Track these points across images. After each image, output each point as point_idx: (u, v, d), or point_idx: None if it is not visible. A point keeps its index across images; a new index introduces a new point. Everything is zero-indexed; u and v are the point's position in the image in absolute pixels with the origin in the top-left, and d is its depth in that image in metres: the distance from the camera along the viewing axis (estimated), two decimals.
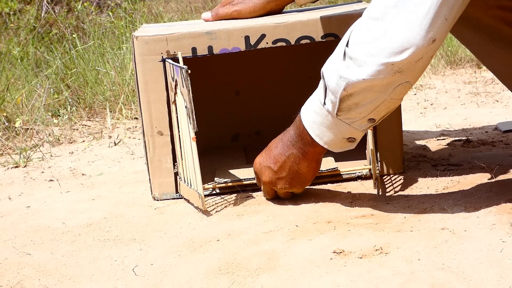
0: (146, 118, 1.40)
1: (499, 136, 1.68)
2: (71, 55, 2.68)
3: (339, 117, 1.18)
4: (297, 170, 1.28)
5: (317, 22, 1.38)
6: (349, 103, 1.15)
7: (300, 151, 1.26)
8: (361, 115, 1.17)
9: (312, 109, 1.22)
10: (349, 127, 1.19)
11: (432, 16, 1.07)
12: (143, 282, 1.05)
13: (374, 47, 1.10)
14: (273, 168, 1.29)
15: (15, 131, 2.10)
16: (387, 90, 1.13)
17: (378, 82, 1.11)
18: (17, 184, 1.65)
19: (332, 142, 1.22)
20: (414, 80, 1.13)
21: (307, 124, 1.23)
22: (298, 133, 1.25)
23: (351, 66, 1.13)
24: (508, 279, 0.92)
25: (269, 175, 1.30)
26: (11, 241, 1.27)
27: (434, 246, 1.05)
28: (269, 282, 1.01)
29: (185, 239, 1.21)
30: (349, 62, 1.13)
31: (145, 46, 1.37)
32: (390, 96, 1.14)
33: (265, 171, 1.30)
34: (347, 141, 1.21)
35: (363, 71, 1.11)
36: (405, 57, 1.08)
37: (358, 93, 1.13)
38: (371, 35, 1.11)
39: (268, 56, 1.68)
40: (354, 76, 1.12)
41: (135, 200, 1.44)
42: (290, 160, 1.27)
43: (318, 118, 1.21)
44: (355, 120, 1.17)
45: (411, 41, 1.08)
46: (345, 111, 1.17)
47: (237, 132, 1.74)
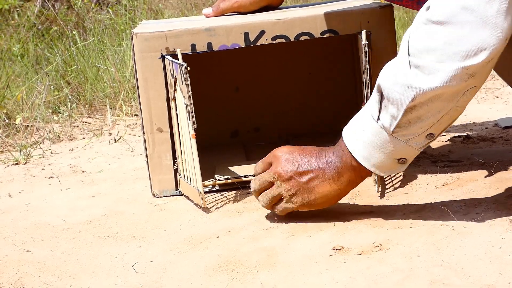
0: (145, 115, 1.40)
1: (499, 132, 1.68)
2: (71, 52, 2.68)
3: (394, 134, 1.09)
4: (316, 189, 1.17)
5: (316, 19, 1.38)
6: (411, 116, 1.08)
7: (332, 171, 1.16)
8: (421, 129, 1.09)
9: (359, 127, 1.13)
10: (404, 145, 1.10)
11: (504, 14, 1.02)
12: (143, 279, 1.06)
13: (446, 52, 1.04)
14: (297, 166, 1.18)
15: (15, 128, 2.10)
16: (455, 98, 1.06)
17: (450, 89, 1.05)
18: (17, 181, 1.66)
19: (381, 163, 1.12)
20: (482, 83, 1.08)
21: (352, 145, 1.13)
22: (339, 155, 1.15)
23: (419, 75, 1.06)
24: (507, 275, 0.92)
25: (288, 168, 1.18)
26: (11, 238, 1.27)
27: (434, 243, 1.05)
28: (269, 279, 1.01)
29: (185, 236, 1.21)
30: (416, 71, 1.06)
31: (145, 43, 1.37)
32: (457, 104, 1.07)
33: (286, 163, 1.18)
34: (397, 163, 1.12)
35: (435, 79, 1.04)
36: (480, 59, 1.03)
37: (424, 104, 1.06)
38: (439, 41, 1.04)
39: (267, 52, 1.68)
40: (426, 85, 1.05)
41: (135, 197, 1.45)
42: (318, 173, 1.17)
43: (368, 136, 1.12)
44: (412, 137, 1.10)
45: (487, 42, 1.03)
46: (404, 126, 1.09)
47: (236, 128, 1.74)
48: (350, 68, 1.71)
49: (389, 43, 1.40)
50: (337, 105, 1.72)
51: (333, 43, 1.68)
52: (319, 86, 1.72)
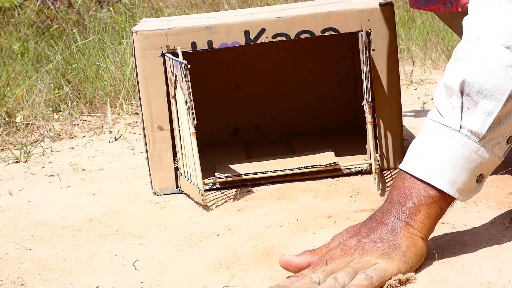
0: (146, 113, 1.40)
1: None
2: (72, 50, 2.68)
3: (483, 141, 0.94)
4: (394, 242, 0.93)
5: (316, 17, 1.38)
6: (504, 110, 0.93)
7: (402, 218, 0.95)
8: (508, 129, 0.95)
9: (431, 149, 0.96)
10: (490, 154, 0.95)
11: None
12: (143, 277, 1.06)
13: None
14: (356, 235, 0.95)
15: (16, 126, 2.10)
16: None
17: None
18: (18, 179, 1.66)
19: (466, 184, 0.95)
20: None
21: (424, 174, 0.95)
22: (401, 196, 0.95)
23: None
24: (507, 273, 0.92)
25: (347, 239, 0.95)
26: (12, 236, 1.27)
27: (434, 241, 1.05)
28: (269, 277, 1.01)
29: (185, 233, 1.21)
30: (510, 53, 0.92)
31: (145, 41, 1.37)
32: None
33: (340, 237, 0.97)
34: (476, 182, 0.96)
35: None
36: None
37: None
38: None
39: (268, 50, 1.68)
40: None
41: (135, 195, 1.45)
42: (387, 227, 0.94)
43: (448, 154, 0.95)
44: (498, 141, 0.95)
45: None
46: (495, 126, 0.94)
47: (237, 126, 1.74)
48: (351, 66, 1.71)
49: (390, 41, 1.40)
50: (337, 103, 1.72)
51: (333, 41, 1.68)
52: (319, 84, 1.72)
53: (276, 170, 1.42)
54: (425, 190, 0.95)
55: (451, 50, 2.76)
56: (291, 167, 1.43)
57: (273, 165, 1.45)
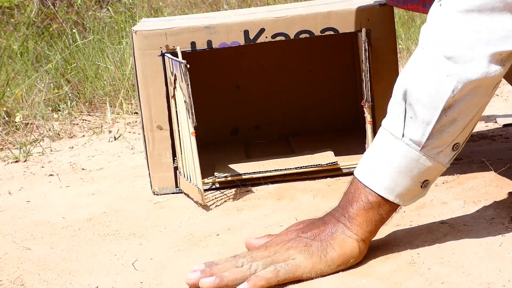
0: (145, 112, 1.40)
1: (499, 130, 1.68)
2: (71, 50, 2.68)
3: (424, 149, 0.96)
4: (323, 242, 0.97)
5: (316, 17, 1.38)
6: (445, 120, 0.95)
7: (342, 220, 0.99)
8: (451, 137, 0.96)
9: (376, 156, 0.99)
10: (433, 162, 0.97)
11: None
12: (143, 277, 1.05)
13: (479, 38, 0.94)
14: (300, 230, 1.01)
15: (15, 126, 2.10)
16: (489, 91, 0.96)
17: (489, 78, 0.94)
18: (17, 178, 1.66)
19: (406, 191, 0.98)
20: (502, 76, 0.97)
21: (368, 180, 0.98)
22: (348, 200, 0.99)
23: (456, 64, 0.94)
24: (507, 273, 0.92)
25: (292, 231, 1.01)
26: (11, 236, 1.27)
27: (434, 240, 1.05)
28: None
29: (185, 233, 1.21)
30: (449, 62, 0.95)
31: (144, 41, 1.37)
32: (486, 100, 0.97)
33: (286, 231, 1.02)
34: (420, 187, 0.99)
35: (475, 65, 0.94)
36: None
37: (461, 100, 0.94)
38: (469, 28, 0.94)
39: (267, 50, 1.68)
40: (469, 71, 0.93)
41: (135, 195, 1.45)
42: (327, 227, 0.99)
43: (390, 161, 0.97)
44: (442, 149, 0.97)
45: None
46: (436, 135, 0.96)
47: (236, 126, 1.74)
48: (350, 66, 1.71)
49: (389, 41, 1.40)
50: (337, 103, 1.72)
51: (333, 41, 1.68)
52: (319, 84, 1.72)
53: (275, 169, 1.42)
54: (365, 195, 0.98)
55: None
56: (290, 167, 1.43)
57: (272, 164, 1.45)
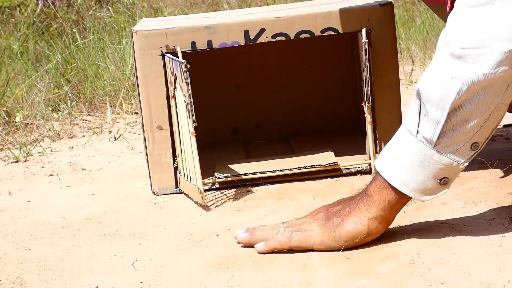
0: (145, 112, 1.40)
1: (499, 131, 1.68)
2: (71, 49, 2.67)
3: (437, 147, 0.98)
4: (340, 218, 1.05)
5: (316, 17, 1.38)
6: (455, 120, 0.97)
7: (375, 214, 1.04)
8: (466, 136, 0.98)
9: (395, 148, 1.02)
10: (448, 160, 0.99)
11: None
12: (143, 277, 1.05)
13: (488, 35, 0.93)
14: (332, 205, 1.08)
15: (15, 126, 2.10)
16: (502, 90, 0.95)
17: (498, 78, 0.94)
18: (17, 179, 1.66)
19: (422, 186, 1.00)
20: None
21: (386, 172, 1.02)
22: (372, 187, 1.04)
23: (463, 65, 0.95)
24: (507, 273, 0.92)
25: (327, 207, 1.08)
26: (11, 236, 1.27)
27: (434, 241, 1.05)
28: (269, 277, 1.01)
29: (185, 233, 1.21)
30: (458, 62, 0.95)
31: (145, 41, 1.37)
32: (502, 100, 0.96)
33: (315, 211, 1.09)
34: (439, 184, 1.00)
35: (482, 65, 0.93)
36: None
37: (470, 100, 0.95)
38: (479, 24, 0.94)
39: (267, 50, 1.68)
40: (473, 73, 0.94)
41: (135, 195, 1.45)
42: (349, 207, 1.05)
43: (406, 156, 1.01)
44: (457, 148, 0.98)
45: None
46: (447, 135, 0.97)
47: (236, 126, 1.74)
48: (350, 66, 1.71)
49: (389, 41, 1.40)
50: (337, 103, 1.72)
51: (333, 41, 1.68)
52: (319, 84, 1.72)
53: (275, 170, 1.42)
54: (386, 188, 1.03)
55: None
56: (290, 167, 1.43)
57: (272, 165, 1.45)
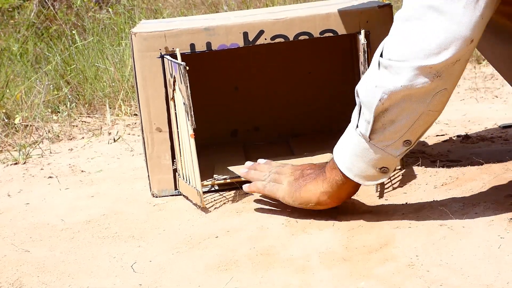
0: (144, 114, 1.40)
1: (498, 132, 1.68)
2: (71, 51, 2.68)
3: (372, 141, 1.10)
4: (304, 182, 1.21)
5: (315, 18, 1.38)
6: (384, 120, 1.08)
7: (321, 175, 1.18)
8: (396, 135, 1.08)
9: (344, 138, 1.15)
10: (383, 153, 1.10)
11: (469, 14, 1.01)
12: (142, 279, 1.05)
13: (410, 49, 1.03)
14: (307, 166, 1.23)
15: (15, 128, 2.10)
16: (425, 100, 1.05)
17: (417, 89, 1.04)
18: (16, 181, 1.66)
19: (363, 173, 1.12)
20: (452, 86, 1.05)
21: (337, 157, 1.14)
22: (330, 166, 1.17)
23: (387, 75, 1.05)
24: (506, 275, 0.92)
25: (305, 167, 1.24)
26: (10, 238, 1.27)
27: (433, 243, 1.05)
28: (268, 278, 1.01)
29: (184, 235, 1.21)
30: (384, 71, 1.06)
31: (144, 43, 1.37)
32: (428, 107, 1.06)
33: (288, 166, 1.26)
34: (379, 172, 1.12)
35: (401, 78, 1.04)
36: (443, 59, 1.02)
37: (394, 106, 1.06)
38: (404, 38, 1.04)
39: (266, 52, 1.68)
40: (392, 84, 1.05)
41: (134, 197, 1.45)
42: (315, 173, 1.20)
43: (349, 145, 1.13)
44: (389, 144, 1.09)
45: (449, 41, 1.01)
46: (379, 132, 1.09)
47: (236, 127, 1.74)
48: (349, 67, 1.71)
49: None
50: (336, 104, 1.72)
51: (332, 43, 1.68)
52: (318, 85, 1.72)
53: None
54: (336, 170, 1.15)
55: None
56: None
57: None
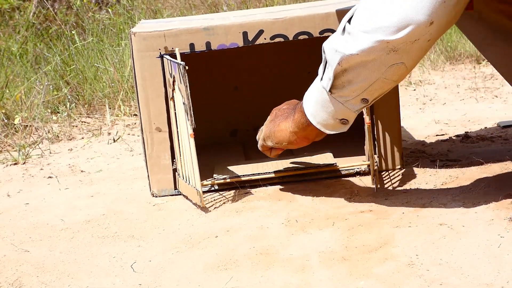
0: (144, 114, 1.40)
1: (498, 132, 1.68)
2: (70, 51, 2.67)
3: (333, 95, 1.18)
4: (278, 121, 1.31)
5: (315, 18, 1.38)
6: (343, 79, 1.15)
7: (291, 116, 1.28)
8: (354, 93, 1.16)
9: (312, 86, 1.23)
10: (342, 106, 1.18)
11: None
12: (142, 279, 1.05)
13: (372, 23, 1.10)
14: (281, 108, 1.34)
15: (14, 128, 2.10)
16: (381, 69, 1.12)
17: (371, 58, 1.11)
18: (16, 181, 1.66)
19: (325, 122, 1.21)
20: (410, 63, 1.12)
21: (305, 103, 1.23)
22: (300, 109, 1.25)
23: (348, 41, 1.12)
24: (505, 274, 0.92)
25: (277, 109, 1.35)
26: (10, 238, 1.27)
27: (432, 242, 1.05)
28: (268, 278, 1.01)
29: (183, 235, 1.21)
30: (347, 37, 1.13)
31: (143, 42, 1.37)
32: (384, 76, 1.13)
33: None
34: (339, 123, 1.21)
35: (356, 46, 1.11)
36: (401, 36, 1.08)
37: (352, 69, 1.13)
38: (369, 12, 1.10)
39: (266, 51, 1.68)
40: (348, 50, 1.12)
41: (133, 197, 1.45)
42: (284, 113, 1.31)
43: (315, 95, 1.21)
44: (348, 99, 1.17)
45: (409, 20, 1.07)
46: (339, 88, 1.16)
47: (235, 127, 1.74)
48: None
49: None
50: None
51: None
52: None
53: (274, 171, 1.42)
54: (304, 116, 1.23)
55: (450, 51, 2.76)
56: (289, 168, 1.43)
57: (271, 166, 1.45)
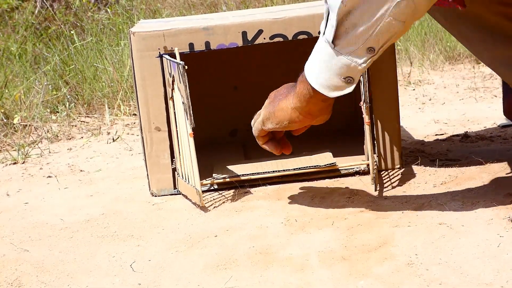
0: (143, 114, 1.40)
1: (497, 131, 1.68)
2: (70, 51, 2.67)
3: (337, 47, 1.11)
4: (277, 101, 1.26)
5: (314, 18, 1.38)
6: (347, 24, 1.09)
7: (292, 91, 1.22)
8: (359, 40, 1.10)
9: (315, 48, 1.16)
10: (347, 60, 1.12)
11: None
12: (141, 278, 1.05)
13: None
14: (278, 91, 1.29)
15: (14, 128, 2.10)
16: (385, 4, 1.07)
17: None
18: (15, 180, 1.66)
19: (328, 82, 1.14)
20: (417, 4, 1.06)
21: (307, 68, 1.17)
22: (300, 80, 1.19)
23: None
24: (504, 274, 0.92)
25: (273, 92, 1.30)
26: (9, 238, 1.27)
27: (432, 241, 1.05)
28: (267, 278, 1.01)
29: (183, 235, 1.21)
30: None
31: (142, 42, 1.37)
32: (391, 14, 1.07)
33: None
34: (344, 82, 1.14)
35: None
36: None
37: (356, 8, 1.07)
38: None
39: (266, 51, 1.68)
40: None
41: (133, 196, 1.45)
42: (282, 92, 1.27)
43: (317, 54, 1.15)
44: (353, 49, 1.11)
45: None
46: (343, 36, 1.10)
47: (235, 127, 1.74)
48: None
49: None
50: (335, 103, 1.72)
51: None
52: None
53: (274, 171, 1.42)
54: (306, 83, 1.17)
55: (449, 50, 2.76)
56: (289, 168, 1.43)
57: (271, 166, 1.45)
